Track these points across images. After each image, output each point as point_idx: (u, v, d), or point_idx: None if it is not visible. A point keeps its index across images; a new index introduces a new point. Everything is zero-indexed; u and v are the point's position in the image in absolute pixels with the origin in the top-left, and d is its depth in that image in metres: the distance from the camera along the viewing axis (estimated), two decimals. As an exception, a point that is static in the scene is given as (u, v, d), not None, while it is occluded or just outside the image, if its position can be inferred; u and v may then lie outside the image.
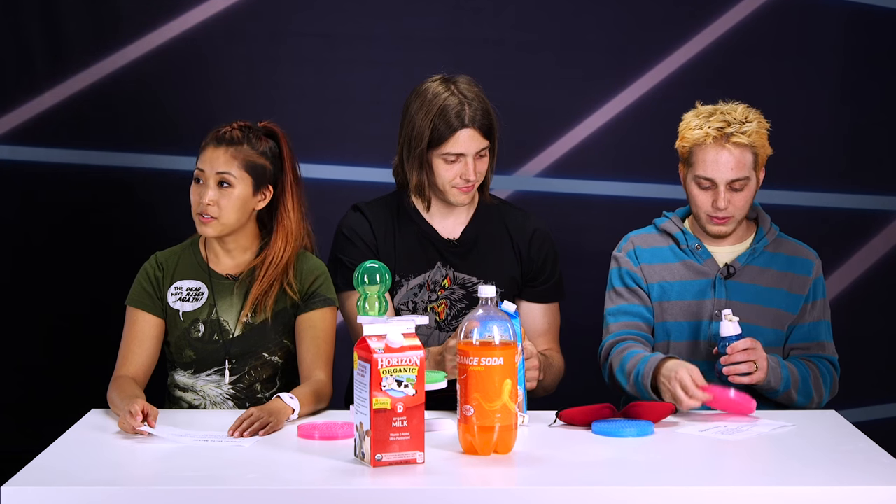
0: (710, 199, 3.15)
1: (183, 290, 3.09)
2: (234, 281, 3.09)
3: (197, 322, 3.07)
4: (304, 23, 4.25)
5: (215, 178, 3.03)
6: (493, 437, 2.53)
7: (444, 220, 3.26)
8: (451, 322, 3.22)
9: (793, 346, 3.19)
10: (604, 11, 4.30)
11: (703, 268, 3.21)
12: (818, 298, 3.22)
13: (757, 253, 3.21)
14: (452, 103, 3.13)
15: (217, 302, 3.08)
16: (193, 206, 3.06)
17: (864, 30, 4.34)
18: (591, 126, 4.31)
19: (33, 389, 4.26)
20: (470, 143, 3.14)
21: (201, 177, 3.05)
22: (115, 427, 2.77)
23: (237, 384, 3.07)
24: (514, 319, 2.80)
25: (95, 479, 2.45)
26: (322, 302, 3.08)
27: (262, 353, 3.08)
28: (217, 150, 3.05)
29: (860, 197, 4.37)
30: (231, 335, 3.07)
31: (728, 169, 3.13)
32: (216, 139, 3.06)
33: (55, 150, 4.24)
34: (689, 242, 3.22)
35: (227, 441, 2.67)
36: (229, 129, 3.07)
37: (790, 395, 3.09)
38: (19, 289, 4.27)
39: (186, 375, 3.09)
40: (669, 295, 3.20)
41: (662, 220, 3.28)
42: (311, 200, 4.10)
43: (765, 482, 2.47)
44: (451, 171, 3.15)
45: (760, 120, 3.17)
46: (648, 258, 3.24)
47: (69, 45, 4.23)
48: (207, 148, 3.06)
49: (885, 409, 4.40)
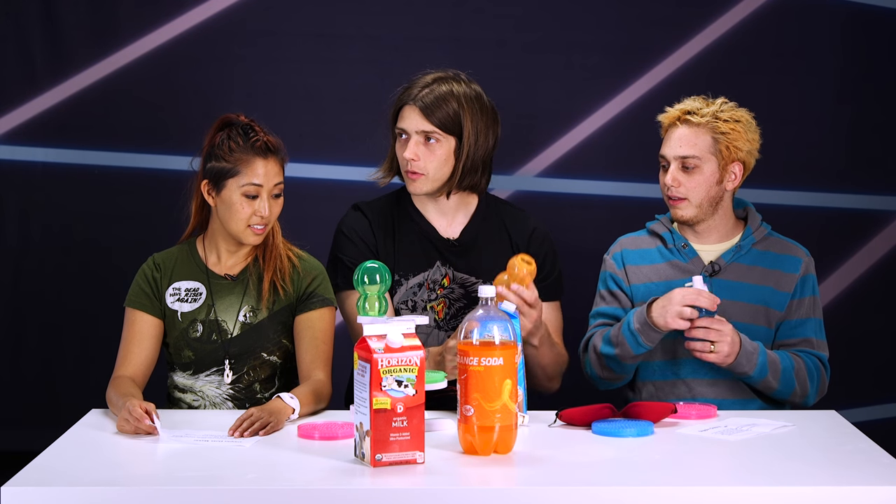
0: (664, 180, 3.22)
1: (181, 291, 3.09)
2: (232, 281, 3.09)
3: (195, 322, 3.07)
4: (303, 23, 4.25)
5: (271, 192, 3.02)
6: (493, 437, 2.53)
7: (444, 220, 3.26)
8: (450, 321, 3.22)
9: (780, 342, 3.21)
10: (604, 12, 4.30)
11: (689, 266, 3.23)
12: (806, 296, 3.22)
13: (743, 250, 3.23)
14: (417, 84, 3.18)
15: (215, 302, 3.08)
16: (245, 219, 3.01)
17: (862, 30, 4.34)
18: (591, 126, 4.31)
19: (33, 390, 4.26)
20: (411, 121, 3.16)
21: (257, 192, 3.00)
22: (116, 427, 2.77)
23: (236, 384, 3.07)
24: (514, 319, 2.80)
25: (95, 480, 2.45)
26: (320, 302, 3.08)
27: (261, 353, 3.08)
28: (268, 163, 3.01)
29: (860, 197, 4.37)
30: (230, 335, 3.07)
31: (678, 145, 3.18)
32: (263, 150, 3.02)
33: (55, 150, 4.25)
34: (676, 241, 3.25)
35: (228, 441, 2.67)
36: (263, 136, 3.02)
37: (768, 383, 3.11)
38: (19, 289, 4.27)
39: (185, 376, 3.09)
40: (656, 295, 3.21)
41: (653, 222, 3.30)
42: (312, 200, 4.10)
43: (765, 482, 2.47)
44: (401, 149, 3.19)
45: (738, 114, 3.20)
46: (636, 260, 3.27)
47: (69, 45, 4.23)
48: (257, 161, 3.01)
49: (885, 409, 4.40)
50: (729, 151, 3.17)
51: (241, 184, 3.00)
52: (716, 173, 3.18)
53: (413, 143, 3.16)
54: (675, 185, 3.19)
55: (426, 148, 3.16)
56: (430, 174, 3.16)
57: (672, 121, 3.21)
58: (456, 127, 3.16)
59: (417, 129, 3.15)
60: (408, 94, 3.17)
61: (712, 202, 3.20)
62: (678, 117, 3.20)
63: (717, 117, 3.17)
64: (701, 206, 3.20)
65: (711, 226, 3.24)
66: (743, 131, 3.18)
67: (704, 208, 3.20)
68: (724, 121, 3.17)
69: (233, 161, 3.01)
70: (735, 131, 3.17)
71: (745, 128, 3.19)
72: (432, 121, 3.14)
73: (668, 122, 3.23)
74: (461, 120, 3.15)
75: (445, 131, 3.15)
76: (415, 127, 3.15)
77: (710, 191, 3.19)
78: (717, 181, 3.19)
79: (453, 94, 3.15)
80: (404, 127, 3.17)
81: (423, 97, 3.15)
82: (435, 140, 3.15)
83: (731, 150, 3.18)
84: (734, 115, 3.19)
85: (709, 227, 3.24)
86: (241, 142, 3.01)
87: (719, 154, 3.17)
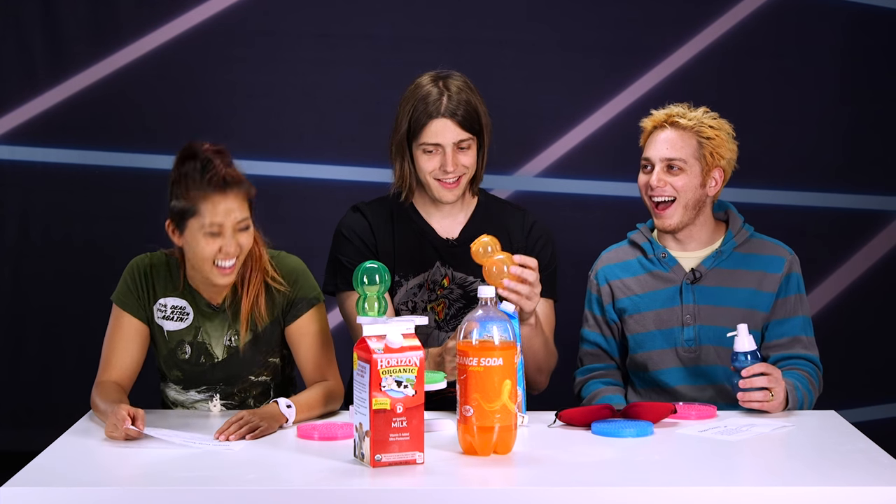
0: (647, 182, 3.21)
1: (167, 308, 3.00)
2: (215, 311, 3.00)
3: (183, 343, 3.00)
4: (303, 23, 4.25)
5: (235, 227, 2.86)
6: (493, 437, 2.53)
7: (443, 220, 3.26)
8: (449, 322, 3.22)
9: (769, 344, 3.19)
10: (604, 12, 4.30)
11: (670, 275, 3.22)
12: (790, 294, 3.21)
13: (724, 255, 3.22)
14: (433, 94, 3.14)
15: (202, 323, 3.00)
16: (210, 258, 2.85)
17: (863, 30, 4.34)
18: (591, 126, 4.31)
19: (32, 390, 4.26)
20: (445, 133, 3.14)
21: (219, 230, 2.84)
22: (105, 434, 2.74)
23: (228, 400, 3.04)
24: (514, 320, 2.80)
25: (94, 480, 2.45)
26: (307, 305, 3.00)
27: (248, 377, 3.02)
28: (227, 198, 2.83)
29: (859, 197, 4.37)
30: (216, 359, 3.00)
31: (664, 147, 3.19)
32: (220, 186, 2.82)
33: (55, 150, 4.25)
34: (656, 251, 3.24)
35: (215, 444, 2.64)
36: (221, 170, 2.83)
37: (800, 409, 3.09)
38: (19, 289, 4.27)
39: (177, 390, 3.06)
40: (640, 307, 3.21)
41: (633, 232, 3.30)
42: (312, 200, 4.10)
43: (765, 482, 2.47)
44: (431, 162, 3.16)
45: (721, 123, 3.21)
46: (618, 273, 3.27)
47: (69, 45, 4.23)
48: (215, 198, 2.81)
49: (885, 409, 4.40)
50: (712, 157, 3.18)
51: (202, 224, 2.83)
52: (698, 177, 3.18)
53: (450, 153, 3.14)
54: (660, 185, 3.18)
55: (462, 154, 3.15)
56: (469, 173, 3.17)
57: (658, 123, 3.21)
58: (478, 126, 3.17)
59: (454, 139, 3.13)
60: (429, 109, 3.12)
61: (696, 205, 3.20)
62: (664, 120, 3.20)
63: (703, 122, 3.19)
64: (687, 206, 3.19)
65: (692, 232, 3.23)
66: (725, 140, 3.21)
67: (689, 210, 3.19)
68: (709, 126, 3.19)
69: (191, 199, 2.83)
70: (718, 138, 3.19)
71: (727, 137, 3.22)
72: (464, 126, 3.13)
73: (653, 124, 3.23)
74: (480, 118, 3.16)
75: (473, 133, 3.16)
76: (451, 138, 3.13)
77: (695, 194, 3.19)
78: (699, 184, 3.19)
79: (468, 95, 3.15)
80: (439, 142, 3.14)
81: (454, 108, 3.12)
82: (467, 145, 3.16)
83: (714, 157, 3.19)
84: (717, 123, 3.22)
85: (689, 234, 3.23)
86: (197, 178, 2.82)
87: (703, 159, 3.18)
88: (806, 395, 3.08)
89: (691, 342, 3.18)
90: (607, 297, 3.27)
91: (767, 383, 2.93)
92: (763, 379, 2.93)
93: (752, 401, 2.93)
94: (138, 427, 2.65)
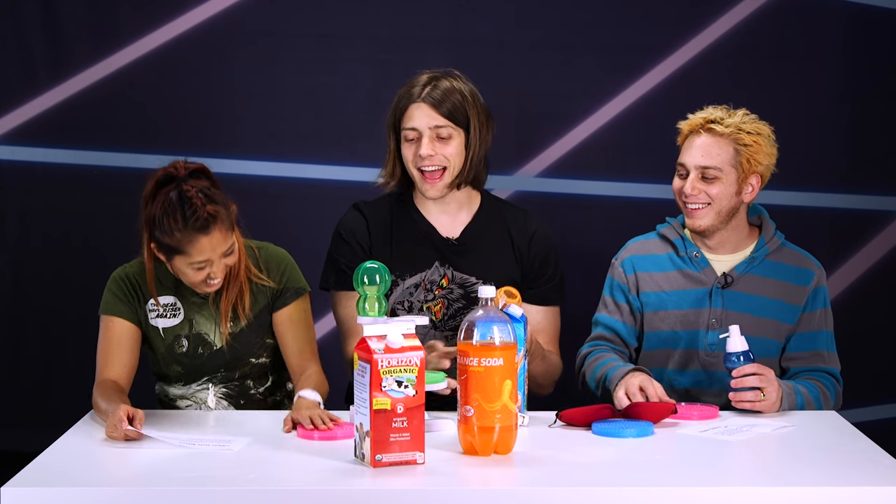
0: (682, 188, 3.17)
1: (159, 307, 3.04)
2: (204, 300, 3.05)
3: (179, 338, 3.05)
4: (303, 23, 4.25)
5: (221, 256, 2.91)
6: (494, 437, 2.53)
7: (446, 219, 3.26)
8: (447, 322, 3.21)
9: (790, 355, 3.17)
10: (604, 12, 4.29)
11: (701, 276, 3.19)
12: (817, 308, 3.19)
13: (756, 262, 3.20)
14: (419, 82, 3.17)
15: (193, 316, 3.05)
16: (198, 283, 2.93)
17: (863, 30, 4.33)
18: (591, 126, 4.30)
19: (32, 390, 4.25)
20: (422, 118, 3.14)
21: (206, 265, 2.90)
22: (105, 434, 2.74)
23: (229, 384, 3.07)
24: (517, 322, 2.77)
25: (95, 480, 2.45)
26: (293, 294, 3.07)
27: (250, 359, 3.08)
28: (212, 237, 2.87)
29: (860, 197, 4.37)
30: (214, 347, 3.06)
31: (699, 154, 3.14)
32: (204, 227, 2.85)
33: (55, 150, 4.24)
34: (688, 249, 3.21)
35: (215, 445, 2.65)
36: (202, 211, 2.84)
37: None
38: (18, 289, 4.27)
39: (178, 387, 3.08)
40: (666, 304, 3.19)
41: (664, 226, 3.27)
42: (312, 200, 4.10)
43: (765, 482, 2.47)
44: (411, 149, 3.17)
45: (760, 127, 3.16)
46: (646, 266, 3.23)
47: (69, 45, 4.22)
48: (200, 239, 2.85)
49: (885, 409, 4.39)
50: (749, 164, 3.13)
51: (189, 262, 2.89)
52: (734, 185, 3.14)
53: (427, 139, 3.15)
54: (695, 192, 3.14)
55: (440, 143, 3.15)
56: (452, 166, 3.16)
57: (694, 128, 3.16)
58: (464, 119, 3.16)
59: (430, 124, 3.14)
60: (411, 94, 3.17)
61: (730, 213, 3.16)
62: (701, 125, 3.14)
63: (741, 129, 3.13)
64: (720, 213, 3.15)
65: (724, 238, 3.20)
66: (764, 145, 3.15)
67: (722, 217, 3.16)
68: (747, 132, 3.13)
69: (176, 241, 2.87)
70: (757, 144, 3.13)
71: (766, 141, 3.16)
72: (443, 112, 3.14)
73: (690, 129, 3.17)
74: (467, 111, 3.16)
75: (456, 123, 3.15)
76: (427, 123, 3.15)
77: (730, 201, 3.16)
78: (735, 192, 3.15)
79: (456, 88, 3.17)
80: (415, 125, 3.15)
81: (430, 93, 3.15)
82: (447, 134, 3.15)
83: (751, 163, 3.13)
84: (756, 127, 3.15)
85: (721, 240, 3.20)
86: (179, 220, 2.85)
87: (739, 166, 3.13)
88: (811, 402, 3.06)
89: (714, 347, 3.15)
90: (633, 286, 3.24)
91: (759, 383, 2.93)
92: (754, 379, 2.93)
93: (743, 401, 2.94)
94: (136, 427, 2.66)
